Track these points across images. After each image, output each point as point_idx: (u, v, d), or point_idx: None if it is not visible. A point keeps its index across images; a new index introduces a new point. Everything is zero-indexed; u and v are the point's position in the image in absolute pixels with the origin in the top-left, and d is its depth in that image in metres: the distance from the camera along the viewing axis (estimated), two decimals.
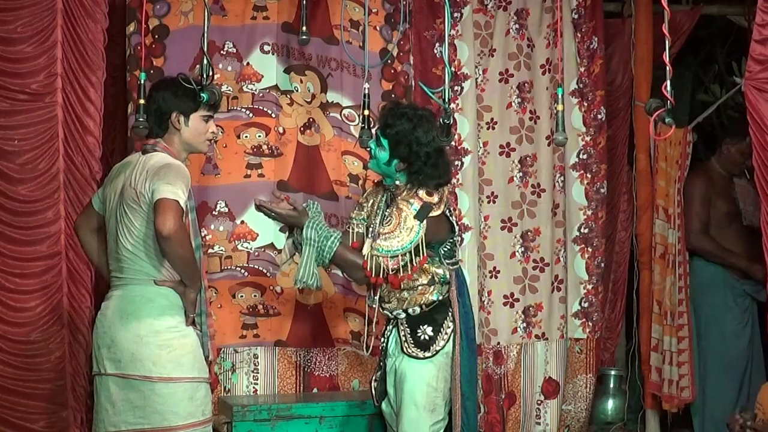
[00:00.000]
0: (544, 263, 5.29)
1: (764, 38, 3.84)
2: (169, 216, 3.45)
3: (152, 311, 3.59)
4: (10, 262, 4.06)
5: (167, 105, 3.73)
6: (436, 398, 3.95)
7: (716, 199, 5.35)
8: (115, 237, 3.66)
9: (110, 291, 3.72)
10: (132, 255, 3.61)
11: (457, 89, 5.24)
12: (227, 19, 5.00)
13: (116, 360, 3.58)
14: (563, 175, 5.36)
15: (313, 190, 5.05)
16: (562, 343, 5.32)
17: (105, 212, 3.75)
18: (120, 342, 3.57)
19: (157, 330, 3.57)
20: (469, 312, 4.07)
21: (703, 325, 5.29)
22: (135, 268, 3.62)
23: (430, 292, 3.99)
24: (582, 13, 5.39)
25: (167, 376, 3.56)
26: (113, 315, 3.62)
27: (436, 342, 3.96)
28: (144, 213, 3.57)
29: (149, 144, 3.74)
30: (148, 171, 3.60)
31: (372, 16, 5.13)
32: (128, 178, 3.64)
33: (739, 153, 5.38)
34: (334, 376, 5.01)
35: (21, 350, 4.06)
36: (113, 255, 3.69)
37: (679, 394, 5.27)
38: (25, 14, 4.02)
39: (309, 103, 5.09)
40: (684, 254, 5.30)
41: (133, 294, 3.61)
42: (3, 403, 4.02)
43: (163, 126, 3.73)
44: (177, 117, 3.73)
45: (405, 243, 3.85)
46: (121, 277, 3.66)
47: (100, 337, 3.65)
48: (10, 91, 4.02)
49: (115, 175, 3.75)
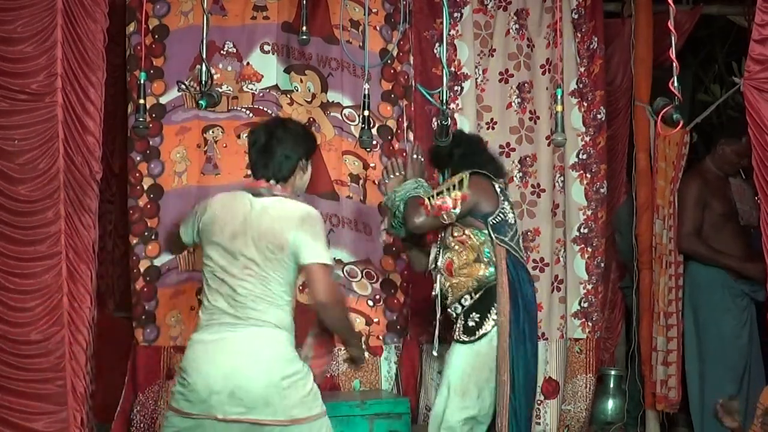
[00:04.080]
0: (543, 263, 5.29)
1: (764, 38, 3.83)
2: (323, 281, 3.45)
3: (283, 354, 3.49)
4: (10, 262, 4.05)
5: (298, 148, 3.63)
6: (469, 383, 4.06)
7: (711, 199, 5.35)
8: (232, 278, 3.49)
9: (215, 332, 3.50)
10: (258, 300, 3.48)
11: (457, 89, 5.24)
12: (227, 19, 5.01)
13: (243, 405, 3.40)
14: (563, 175, 5.36)
15: (313, 189, 5.05)
16: (562, 343, 5.32)
17: (202, 244, 3.63)
18: (247, 386, 3.40)
19: (288, 373, 3.46)
20: (528, 304, 4.14)
21: (701, 326, 5.30)
22: (257, 311, 3.48)
23: (478, 270, 4.14)
24: (582, 13, 5.39)
25: (298, 418, 3.46)
26: (235, 358, 3.44)
27: (481, 327, 4.10)
28: (283, 261, 3.48)
29: (264, 187, 3.59)
30: (291, 219, 3.49)
31: (372, 16, 5.14)
32: (267, 224, 3.49)
33: (735, 153, 5.38)
34: (334, 376, 5.01)
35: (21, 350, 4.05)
36: (225, 294, 3.51)
37: (666, 394, 5.29)
38: (25, 14, 4.02)
39: (309, 102, 5.09)
40: (676, 255, 5.31)
41: (259, 336, 3.48)
42: (3, 403, 4.02)
43: (290, 171, 3.62)
44: (303, 162, 3.66)
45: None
46: (238, 317, 3.48)
47: (210, 379, 3.43)
48: (10, 91, 4.02)
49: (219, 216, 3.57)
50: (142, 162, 4.92)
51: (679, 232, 5.31)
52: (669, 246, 5.34)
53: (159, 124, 4.94)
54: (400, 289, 5.13)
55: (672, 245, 5.32)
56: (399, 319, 5.11)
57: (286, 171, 3.62)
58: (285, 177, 3.62)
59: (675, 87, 3.09)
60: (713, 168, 5.45)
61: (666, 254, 5.35)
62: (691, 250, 5.31)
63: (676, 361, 5.28)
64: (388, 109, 5.18)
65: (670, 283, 5.32)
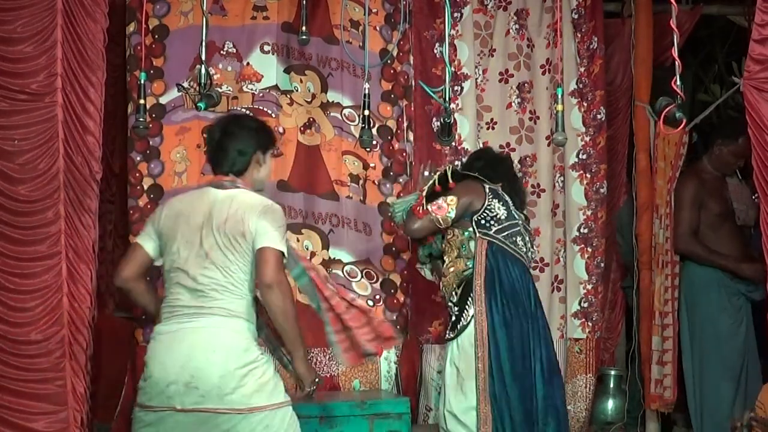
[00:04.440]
0: (543, 263, 5.29)
1: (763, 38, 3.83)
2: (273, 266, 3.47)
3: (240, 343, 3.50)
4: (10, 262, 4.05)
5: (251, 141, 3.68)
6: (458, 377, 4.21)
7: (708, 199, 5.35)
8: (194, 268, 3.53)
9: (174, 323, 3.54)
10: (220, 288, 3.51)
11: (457, 89, 5.24)
12: (227, 19, 5.01)
13: (199, 395, 3.42)
14: (563, 175, 5.36)
15: (313, 189, 5.06)
16: (562, 343, 5.32)
17: (163, 248, 3.65)
18: (203, 375, 3.42)
19: (246, 362, 3.47)
20: (512, 289, 4.24)
21: (698, 326, 5.30)
22: (218, 301, 3.51)
23: (460, 265, 4.31)
24: (582, 13, 5.39)
25: (257, 406, 3.47)
26: (192, 347, 3.47)
27: (460, 321, 4.25)
28: (244, 250, 3.51)
29: (227, 180, 3.65)
30: (254, 208, 3.54)
31: (372, 16, 5.14)
32: (228, 212, 3.53)
33: (731, 154, 5.38)
34: (334, 376, 5.01)
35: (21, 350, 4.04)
36: (187, 286, 3.54)
37: (662, 394, 5.30)
38: (25, 14, 4.01)
39: (309, 102, 5.09)
40: (672, 255, 5.31)
41: (217, 325, 3.50)
42: (3, 403, 4.01)
43: (245, 164, 3.67)
44: (259, 155, 3.70)
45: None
46: (199, 307, 3.52)
47: (168, 369, 3.47)
48: (10, 91, 4.01)
49: (185, 210, 3.62)
50: (142, 162, 4.92)
51: (675, 233, 5.31)
52: (665, 246, 5.34)
53: (159, 124, 4.94)
54: (400, 289, 5.13)
55: (668, 245, 5.32)
56: (399, 319, 5.11)
57: (240, 165, 3.67)
58: (240, 171, 3.67)
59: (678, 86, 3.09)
60: (710, 168, 5.45)
61: (662, 254, 5.35)
62: (688, 251, 5.31)
63: (672, 360, 5.29)
64: (388, 109, 5.18)
65: (666, 282, 5.32)
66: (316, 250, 5.04)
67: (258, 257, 3.50)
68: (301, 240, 5.02)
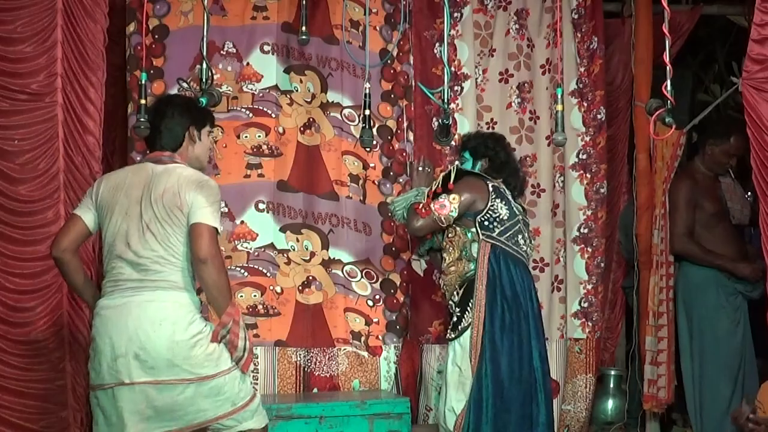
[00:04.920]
0: (543, 263, 5.29)
1: (763, 38, 3.83)
2: (207, 241, 3.51)
3: (186, 316, 3.53)
4: (10, 262, 4.06)
5: (183, 118, 3.71)
6: (460, 376, 4.24)
7: (702, 199, 5.34)
8: (135, 241, 3.55)
9: (118, 296, 3.56)
10: (162, 260, 3.55)
11: (457, 89, 5.24)
12: (227, 19, 5.01)
13: (148, 366, 3.46)
14: (563, 175, 5.36)
15: (313, 189, 5.06)
16: (562, 343, 5.32)
17: (101, 222, 3.66)
18: (151, 347, 3.46)
19: (192, 333, 3.52)
20: (514, 295, 4.27)
21: (696, 326, 5.29)
22: (160, 273, 3.55)
23: (461, 267, 4.34)
24: (582, 13, 5.39)
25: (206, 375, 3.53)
26: (139, 320, 3.50)
27: (461, 322, 4.28)
28: (180, 222, 3.55)
29: (165, 156, 3.68)
30: (190, 181, 3.58)
31: (372, 16, 5.14)
32: (165, 185, 3.57)
33: (723, 153, 5.37)
34: (334, 376, 5.01)
35: (21, 350, 4.05)
36: (128, 260, 3.56)
37: (656, 394, 5.30)
38: (25, 14, 4.02)
39: (309, 103, 5.09)
40: (667, 255, 5.30)
41: (163, 299, 3.54)
42: (3, 403, 4.02)
43: (178, 139, 3.70)
44: (193, 131, 3.73)
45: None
46: (141, 280, 3.55)
47: (115, 343, 3.49)
48: (10, 91, 4.02)
49: (123, 183, 3.64)
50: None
51: (671, 233, 5.30)
52: (660, 246, 5.33)
53: None
54: (399, 289, 5.13)
55: (663, 245, 5.32)
56: (398, 319, 5.11)
57: (173, 142, 3.70)
58: (174, 148, 3.70)
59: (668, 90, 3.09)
60: (702, 168, 5.43)
61: (657, 254, 5.35)
62: (684, 251, 5.31)
63: (667, 360, 5.28)
64: (388, 109, 5.18)
65: (661, 283, 5.31)
66: (316, 250, 5.04)
67: (192, 232, 3.53)
68: (301, 240, 5.02)
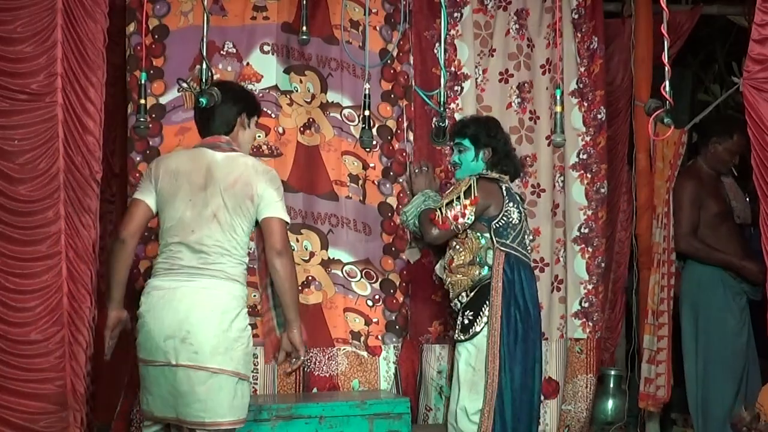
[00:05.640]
0: (544, 263, 5.29)
1: (763, 38, 3.83)
2: (283, 235, 3.72)
3: (237, 308, 3.65)
4: (10, 262, 4.05)
5: (236, 105, 3.82)
6: (474, 377, 4.26)
7: (706, 199, 5.34)
8: (198, 229, 3.66)
9: (172, 279, 3.68)
10: (223, 251, 3.66)
11: (457, 89, 5.25)
12: (227, 19, 5.01)
13: (194, 351, 3.58)
14: (563, 175, 5.36)
15: (313, 190, 5.06)
16: (562, 343, 5.32)
17: (160, 206, 3.77)
18: (199, 333, 3.58)
19: (239, 327, 3.65)
20: (527, 304, 4.29)
21: (702, 326, 5.29)
22: (218, 264, 3.66)
23: (473, 271, 4.33)
24: (582, 13, 5.39)
25: (240, 372, 3.66)
26: (192, 305, 3.61)
27: (474, 325, 4.28)
28: (249, 212, 3.68)
29: (223, 141, 3.78)
30: (258, 172, 3.71)
31: (372, 16, 5.14)
32: (235, 175, 3.68)
33: (726, 151, 5.38)
34: (334, 376, 5.01)
35: (21, 350, 4.05)
36: (189, 245, 3.66)
37: (655, 393, 5.30)
38: (25, 14, 4.01)
39: (309, 103, 5.09)
40: (669, 254, 5.30)
41: (217, 287, 3.65)
42: (3, 403, 4.01)
43: (231, 124, 3.81)
44: (244, 118, 3.83)
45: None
46: (199, 268, 3.66)
47: (165, 324, 3.62)
48: (10, 91, 4.01)
49: (183, 168, 3.75)
50: (142, 162, 4.92)
51: (676, 233, 5.30)
52: (662, 245, 5.34)
53: (159, 125, 4.94)
54: (399, 289, 5.13)
55: (665, 244, 5.32)
56: (398, 319, 5.11)
57: (226, 126, 3.81)
58: (227, 132, 3.81)
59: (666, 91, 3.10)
60: (706, 167, 5.44)
61: (659, 253, 5.35)
62: (690, 250, 5.31)
63: (665, 360, 5.28)
64: (388, 110, 5.18)
65: (662, 281, 5.32)
66: (316, 251, 5.05)
67: (267, 226, 3.70)
68: (301, 240, 5.02)
